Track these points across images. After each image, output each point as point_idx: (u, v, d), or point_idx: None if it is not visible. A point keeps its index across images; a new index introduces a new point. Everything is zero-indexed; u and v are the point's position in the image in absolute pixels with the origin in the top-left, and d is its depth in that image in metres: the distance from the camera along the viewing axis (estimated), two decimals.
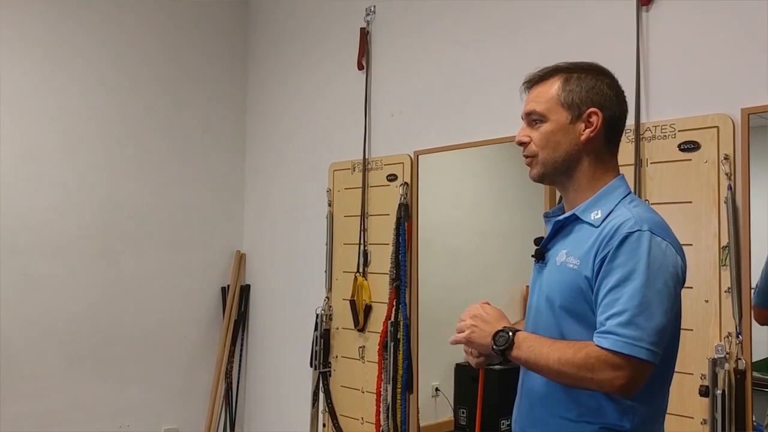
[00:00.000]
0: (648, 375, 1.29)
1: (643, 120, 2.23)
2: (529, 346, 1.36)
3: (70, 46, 3.35)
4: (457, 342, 1.49)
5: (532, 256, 1.52)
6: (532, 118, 1.46)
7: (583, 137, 1.42)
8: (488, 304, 1.50)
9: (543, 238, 1.52)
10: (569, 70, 1.46)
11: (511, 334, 1.38)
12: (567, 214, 1.46)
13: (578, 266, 1.37)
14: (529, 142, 1.46)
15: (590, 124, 1.42)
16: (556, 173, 1.46)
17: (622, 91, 1.48)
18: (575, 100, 1.42)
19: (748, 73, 2.05)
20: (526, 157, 1.49)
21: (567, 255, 1.41)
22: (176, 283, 3.68)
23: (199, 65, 3.80)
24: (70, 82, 3.35)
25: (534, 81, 1.49)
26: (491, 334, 1.40)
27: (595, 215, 1.40)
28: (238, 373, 3.84)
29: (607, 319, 1.28)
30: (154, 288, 3.59)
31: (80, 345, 3.34)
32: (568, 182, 1.47)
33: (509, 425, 2.79)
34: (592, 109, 1.41)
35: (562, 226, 1.47)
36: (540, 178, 1.49)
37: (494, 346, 1.39)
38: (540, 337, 1.39)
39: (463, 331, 1.46)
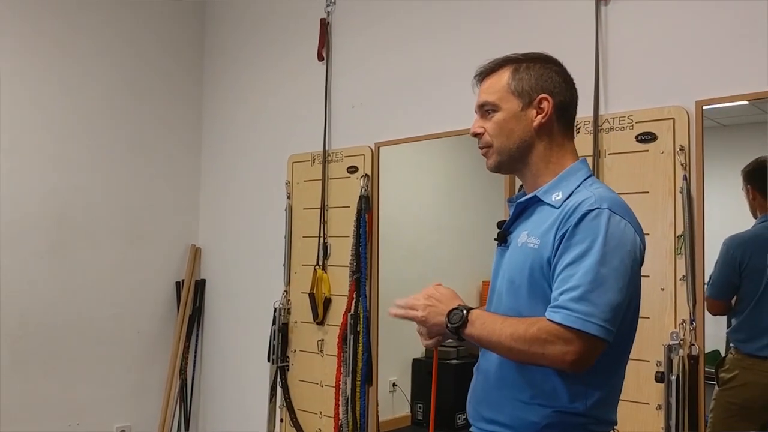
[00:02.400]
0: (599, 351, 1.29)
1: (601, 111, 2.27)
2: (482, 323, 1.36)
3: (17, 33, 3.24)
4: (410, 318, 1.47)
5: (495, 239, 1.53)
6: (485, 109, 1.49)
7: (535, 123, 1.45)
8: (441, 285, 1.50)
9: (505, 221, 1.53)
10: (518, 60, 1.49)
11: (465, 312, 1.38)
12: (528, 196, 1.47)
13: (538, 246, 1.38)
14: (483, 133, 1.49)
15: (541, 110, 1.44)
16: (512, 161, 1.48)
17: (571, 78, 1.51)
18: (525, 88, 1.45)
19: (702, 66, 2.11)
20: (482, 148, 1.51)
21: (528, 236, 1.42)
22: (129, 277, 3.59)
23: (154, 55, 3.72)
24: (17, 69, 3.23)
25: (485, 73, 1.52)
26: (445, 312, 1.40)
27: (556, 197, 1.41)
28: (193, 369, 3.77)
29: (561, 294, 1.29)
30: (106, 282, 3.50)
31: (28, 341, 3.23)
32: (525, 169, 1.49)
33: (465, 419, 2.82)
34: (542, 96, 1.44)
35: (524, 209, 1.48)
36: (497, 168, 1.51)
37: (448, 324, 1.39)
38: (493, 314, 1.41)
39: (416, 310, 1.45)
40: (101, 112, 3.52)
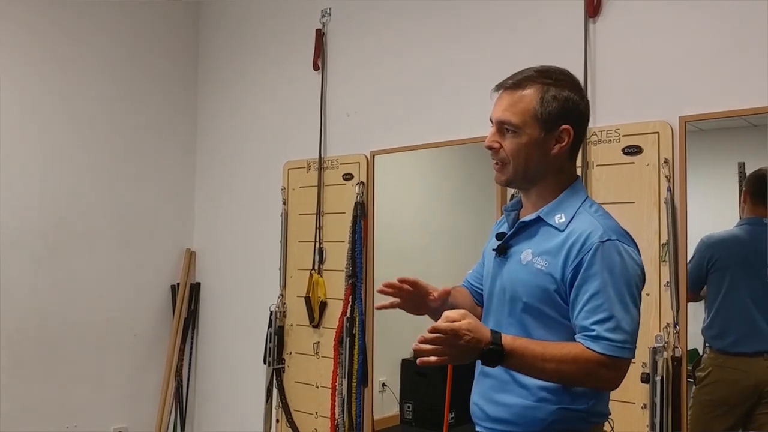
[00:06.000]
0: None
1: (590, 125, 2.35)
2: (522, 356, 1.37)
3: (11, 40, 3.26)
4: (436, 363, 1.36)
5: (494, 249, 1.60)
6: (506, 128, 1.50)
7: (554, 151, 1.49)
8: (468, 314, 1.38)
9: (505, 233, 1.59)
10: (545, 81, 1.49)
11: (500, 348, 1.35)
12: (532, 216, 1.53)
13: (547, 268, 1.46)
14: (499, 149, 1.52)
15: (561, 140, 1.49)
16: (525, 182, 1.55)
17: (588, 100, 1.56)
18: (551, 117, 1.47)
19: (685, 84, 2.22)
20: (496, 162, 1.55)
21: (533, 255, 1.49)
22: (125, 281, 3.64)
23: (149, 61, 3.76)
24: (11, 76, 3.25)
25: (507, 86, 1.52)
26: (480, 350, 1.35)
27: (559, 219, 1.49)
28: (189, 371, 3.83)
29: (594, 323, 1.38)
30: (102, 286, 3.54)
31: (27, 345, 3.26)
32: (533, 188, 1.55)
33: (453, 418, 2.91)
34: (564, 127, 1.48)
35: (524, 225, 1.55)
36: (507, 184, 1.57)
37: (488, 364, 1.38)
38: (527, 343, 1.40)
39: (441, 349, 1.34)
40: (97, 119, 3.55)
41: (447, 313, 1.36)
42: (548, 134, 1.49)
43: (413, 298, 1.62)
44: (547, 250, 1.48)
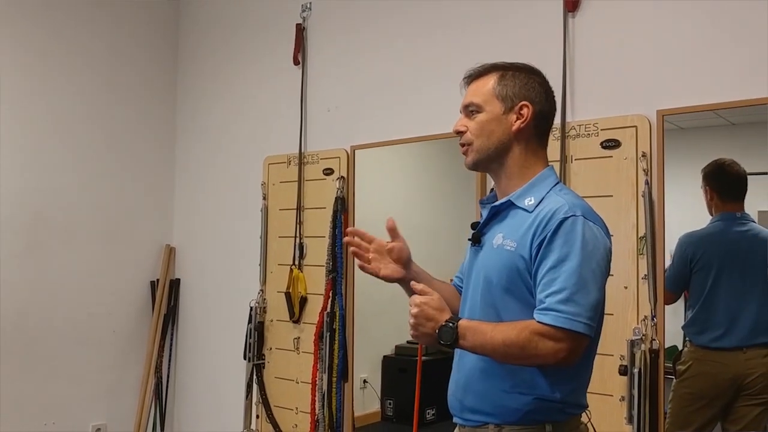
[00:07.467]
0: (584, 346, 1.42)
1: (568, 119, 2.38)
2: (473, 335, 1.43)
3: None
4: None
5: (469, 239, 1.63)
6: (470, 109, 1.58)
7: (514, 127, 1.55)
8: (429, 290, 1.51)
9: (479, 222, 1.63)
10: (505, 68, 1.59)
11: (454, 326, 1.43)
12: (503, 200, 1.57)
13: (515, 248, 1.48)
14: (466, 131, 1.59)
15: (521, 116, 1.54)
16: (490, 160, 1.58)
17: (552, 90, 1.62)
18: (509, 94, 1.55)
19: (663, 78, 2.24)
20: (462, 145, 1.60)
21: (504, 238, 1.52)
22: (104, 277, 3.61)
23: (128, 55, 3.73)
24: None
25: (473, 76, 1.61)
26: (436, 328, 1.44)
27: (529, 201, 1.52)
28: (168, 368, 3.80)
29: (547, 296, 1.39)
30: (81, 282, 3.51)
31: (4, 341, 3.22)
32: (500, 170, 1.59)
33: (434, 415, 2.92)
34: (523, 103, 1.54)
35: (497, 212, 1.58)
36: (474, 165, 1.61)
37: (441, 342, 1.45)
38: (481, 322, 1.47)
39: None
40: (76, 113, 3.52)
41: (425, 289, 1.49)
42: (508, 110, 1.55)
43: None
44: (516, 231, 1.50)
